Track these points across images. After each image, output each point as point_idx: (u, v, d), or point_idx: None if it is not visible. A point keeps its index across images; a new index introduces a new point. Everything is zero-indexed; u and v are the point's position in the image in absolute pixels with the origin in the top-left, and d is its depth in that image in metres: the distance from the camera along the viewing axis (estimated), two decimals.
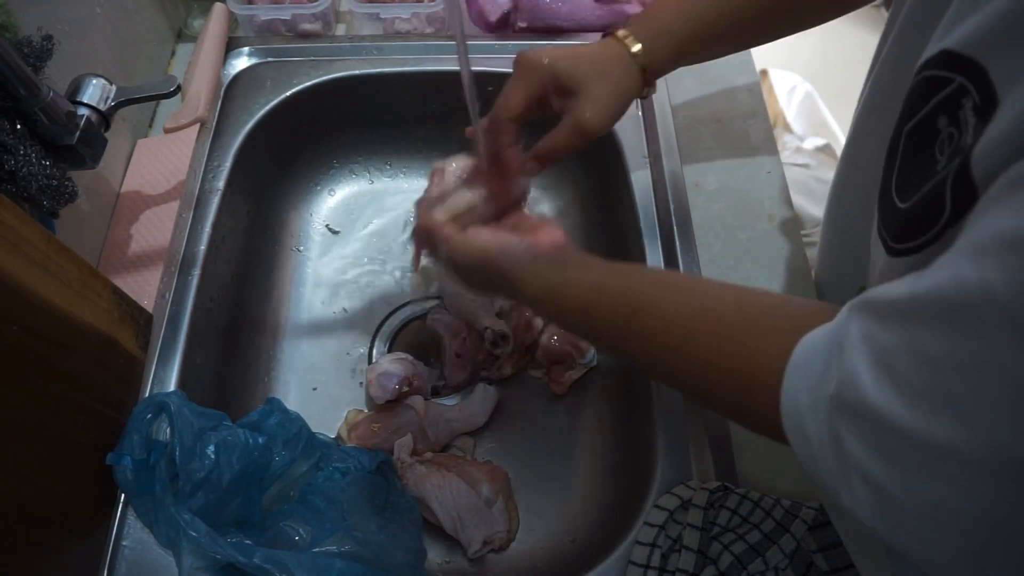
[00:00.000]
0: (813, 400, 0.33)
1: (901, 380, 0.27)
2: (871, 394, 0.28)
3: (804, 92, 1.44)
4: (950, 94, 0.31)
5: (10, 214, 0.45)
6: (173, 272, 0.66)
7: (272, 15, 0.81)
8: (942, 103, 0.32)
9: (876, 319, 0.30)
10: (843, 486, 0.31)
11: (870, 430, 0.29)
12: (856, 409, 0.29)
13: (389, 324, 0.79)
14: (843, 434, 0.30)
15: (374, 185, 0.90)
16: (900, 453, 0.28)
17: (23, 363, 0.44)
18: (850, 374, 0.29)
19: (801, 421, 0.33)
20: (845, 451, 0.30)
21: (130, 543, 0.54)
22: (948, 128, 0.31)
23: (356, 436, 0.67)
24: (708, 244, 0.69)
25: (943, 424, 0.26)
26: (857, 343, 0.30)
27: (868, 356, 0.29)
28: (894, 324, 0.28)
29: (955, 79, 0.31)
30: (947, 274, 0.26)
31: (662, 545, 0.52)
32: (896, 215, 0.34)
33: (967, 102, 0.30)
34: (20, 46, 0.51)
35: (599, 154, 0.79)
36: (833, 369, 0.31)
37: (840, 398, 0.30)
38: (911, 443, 0.27)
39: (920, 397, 0.27)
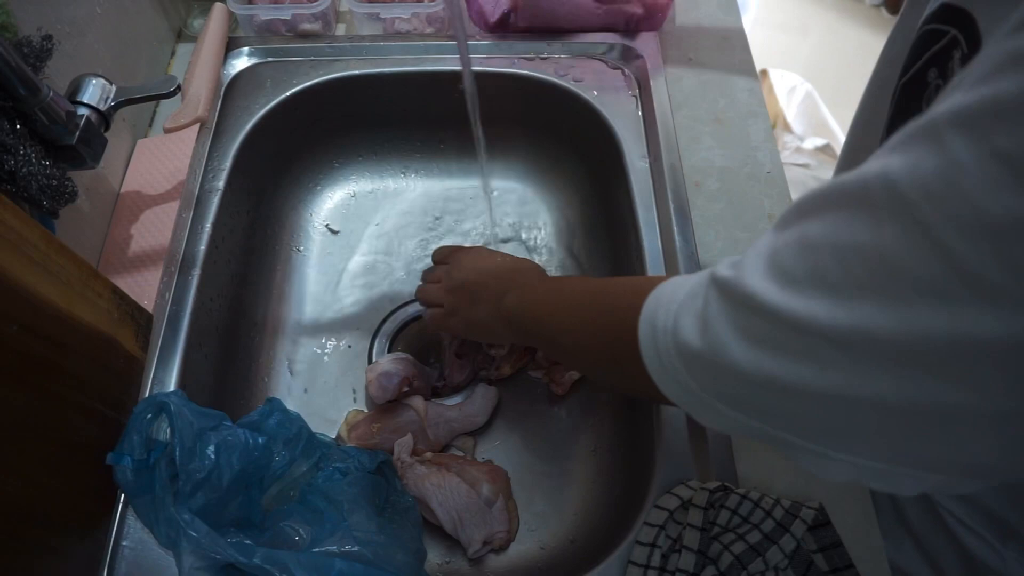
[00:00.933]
0: (668, 304, 0.35)
1: (783, 268, 0.28)
2: (752, 282, 0.29)
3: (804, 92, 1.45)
4: (943, 47, 0.32)
5: (10, 214, 0.45)
6: (173, 272, 0.66)
7: (272, 15, 0.81)
8: (934, 56, 0.33)
9: (777, 227, 0.31)
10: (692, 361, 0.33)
11: (740, 309, 0.30)
12: (732, 289, 0.31)
13: (389, 324, 0.79)
14: (711, 310, 0.32)
15: (374, 185, 0.90)
16: (764, 331, 0.29)
17: (23, 363, 0.45)
18: (742, 269, 0.31)
19: (654, 327, 0.35)
20: (708, 326, 0.31)
21: (130, 543, 0.54)
22: (936, 80, 0.32)
23: (356, 436, 0.67)
24: (708, 244, 0.69)
25: (812, 303, 0.27)
26: (758, 249, 0.31)
27: (762, 257, 0.30)
28: (792, 225, 0.29)
29: (949, 31, 0.31)
30: (854, 171, 0.27)
31: (662, 545, 0.52)
32: None
33: (956, 53, 0.30)
34: (20, 46, 0.51)
35: (599, 154, 0.79)
36: (700, 285, 0.33)
37: (721, 280, 0.31)
38: (777, 321, 0.28)
39: (794, 280, 0.28)
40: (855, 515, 0.55)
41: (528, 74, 0.80)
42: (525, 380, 0.75)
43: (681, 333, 0.33)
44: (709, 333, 0.31)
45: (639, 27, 0.83)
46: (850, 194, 0.26)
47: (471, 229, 0.87)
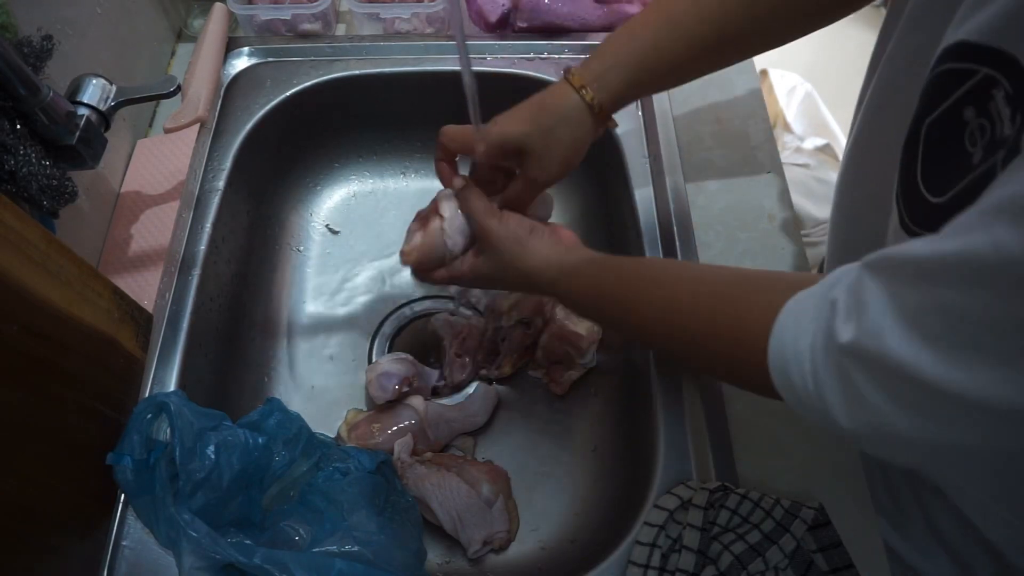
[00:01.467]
0: (796, 351, 0.35)
1: (931, 336, 0.28)
2: (895, 346, 0.29)
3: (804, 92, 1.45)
4: (976, 85, 0.31)
5: (10, 214, 0.45)
6: (173, 272, 0.66)
7: (272, 15, 0.81)
8: (967, 95, 0.32)
9: (900, 277, 0.30)
10: (844, 418, 0.33)
11: (889, 377, 0.30)
12: (875, 358, 0.30)
13: (389, 324, 0.79)
14: (858, 379, 0.32)
15: (374, 185, 0.90)
16: (920, 400, 0.29)
17: (23, 363, 0.44)
18: (875, 327, 0.30)
19: (786, 368, 0.36)
20: (857, 393, 0.32)
21: (130, 543, 0.54)
22: (978, 119, 0.31)
23: (356, 436, 0.67)
24: (708, 244, 0.69)
25: (976, 376, 0.27)
26: (878, 296, 0.31)
27: (894, 311, 0.30)
28: (920, 283, 0.29)
29: (979, 70, 0.31)
30: (965, 237, 0.27)
31: (662, 545, 0.52)
32: (929, 208, 0.35)
33: (998, 92, 0.30)
34: (20, 46, 0.51)
35: (599, 154, 0.79)
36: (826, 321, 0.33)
37: (860, 348, 0.31)
38: (934, 392, 0.28)
39: (952, 351, 0.27)
40: (855, 515, 0.55)
41: (528, 74, 0.80)
42: (525, 380, 0.75)
43: (829, 404, 0.34)
44: (864, 408, 0.32)
45: None
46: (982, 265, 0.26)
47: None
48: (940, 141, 0.35)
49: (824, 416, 0.34)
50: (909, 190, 0.37)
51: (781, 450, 0.58)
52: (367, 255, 0.84)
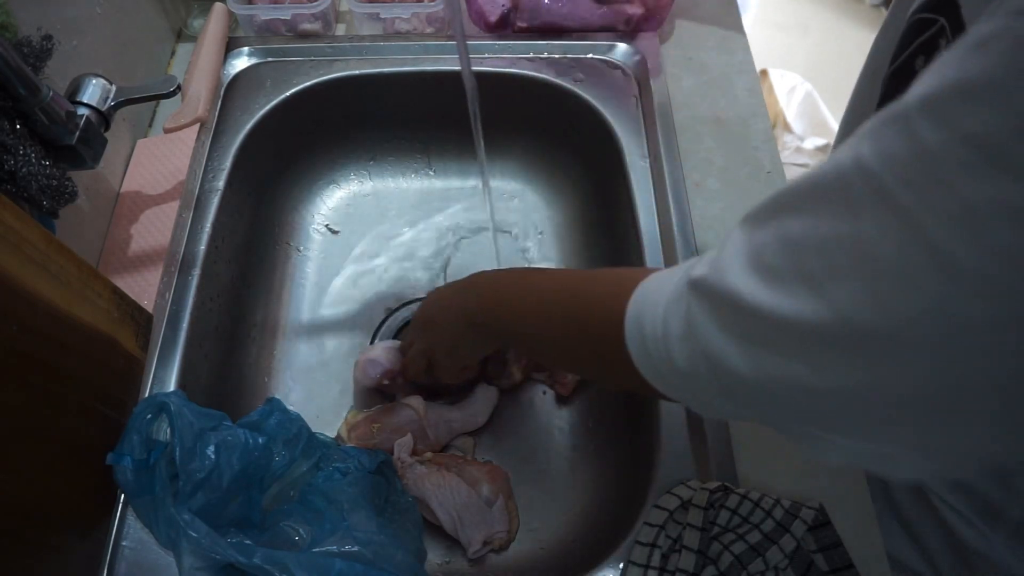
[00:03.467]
0: (653, 307, 0.35)
1: (765, 265, 0.28)
2: (734, 280, 0.29)
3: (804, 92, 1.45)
4: (932, 35, 0.32)
5: (10, 214, 0.45)
6: (173, 272, 0.66)
7: (272, 15, 0.81)
8: (923, 44, 0.33)
9: (753, 223, 0.31)
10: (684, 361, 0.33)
11: (727, 311, 0.30)
12: (715, 293, 0.31)
13: (389, 324, 0.79)
14: (695, 313, 0.32)
15: (374, 185, 0.90)
16: (755, 332, 0.29)
17: (23, 363, 0.44)
18: (721, 266, 0.31)
19: (641, 326, 0.35)
20: (694, 327, 0.32)
21: (130, 543, 0.54)
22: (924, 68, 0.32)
23: (356, 436, 0.67)
24: (708, 244, 0.69)
25: (797, 300, 0.26)
26: (735, 243, 0.31)
27: (741, 253, 0.30)
28: (770, 221, 0.29)
29: (938, 20, 0.31)
30: (827, 163, 0.27)
31: (662, 545, 0.52)
32: None
33: (943, 41, 0.30)
34: (20, 46, 0.51)
35: (599, 154, 0.79)
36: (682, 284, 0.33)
37: (701, 282, 0.32)
38: (767, 321, 0.28)
39: (780, 277, 0.27)
40: (855, 515, 0.55)
41: (528, 74, 0.80)
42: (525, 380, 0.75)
43: (672, 342, 0.33)
44: (698, 338, 0.32)
45: (639, 27, 0.83)
46: (827, 186, 0.26)
47: (471, 229, 0.87)
48: (893, 90, 0.35)
49: (668, 364, 0.34)
50: None
51: (781, 450, 0.58)
52: (367, 255, 0.84)
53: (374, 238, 0.86)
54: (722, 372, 0.31)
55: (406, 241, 0.85)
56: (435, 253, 0.85)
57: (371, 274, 0.83)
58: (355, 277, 0.83)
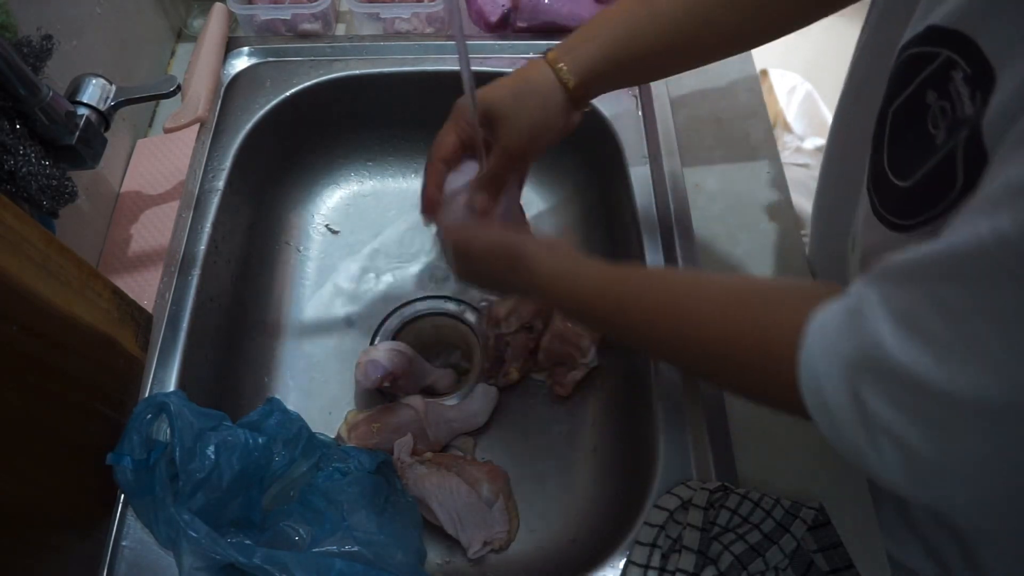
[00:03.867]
0: (830, 366, 0.32)
1: (926, 335, 0.27)
2: (895, 353, 0.28)
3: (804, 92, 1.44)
4: (937, 68, 0.31)
5: (10, 214, 0.45)
6: (173, 272, 0.66)
7: (272, 15, 0.81)
8: (929, 78, 0.32)
9: (893, 282, 0.30)
10: (870, 450, 0.31)
11: (896, 389, 0.29)
12: (879, 369, 0.29)
13: (389, 324, 0.79)
14: (866, 396, 0.30)
15: (374, 185, 0.90)
16: (929, 409, 0.28)
17: (23, 363, 0.44)
18: (872, 336, 0.29)
19: (820, 389, 0.33)
20: (869, 413, 0.30)
21: (130, 543, 0.54)
22: (939, 102, 0.31)
23: (356, 436, 0.67)
24: (708, 244, 0.69)
25: (971, 375, 0.26)
26: (876, 306, 0.30)
27: (889, 317, 0.29)
28: (914, 283, 0.28)
29: (941, 53, 0.31)
30: (963, 231, 0.26)
31: (662, 545, 0.52)
32: (897, 193, 0.35)
33: (956, 74, 0.30)
34: (20, 46, 0.51)
35: (599, 154, 0.79)
36: (851, 335, 0.31)
37: (862, 360, 0.30)
38: (940, 398, 0.27)
39: (947, 350, 0.26)
40: (855, 515, 0.55)
41: None
42: (525, 380, 0.75)
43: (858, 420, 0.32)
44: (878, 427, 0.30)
45: None
46: (974, 261, 0.26)
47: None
48: (905, 125, 0.35)
49: (859, 450, 0.32)
50: (878, 176, 0.37)
51: (781, 450, 0.58)
52: (367, 255, 0.84)
53: (374, 238, 0.86)
54: (908, 457, 0.30)
55: (406, 241, 0.85)
56: (435, 253, 0.85)
57: (371, 274, 0.83)
58: (355, 277, 0.83)
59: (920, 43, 0.34)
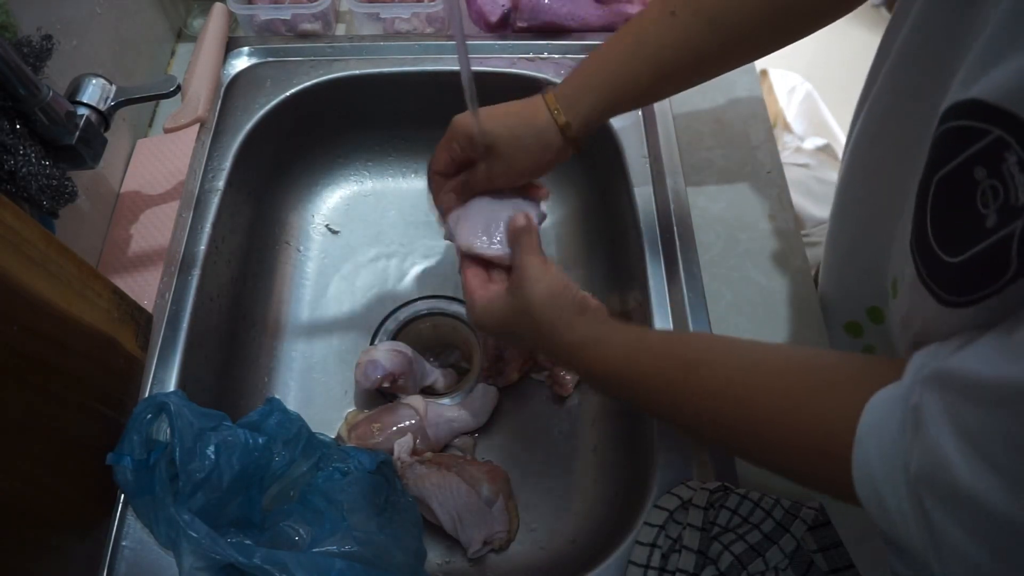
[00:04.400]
0: (889, 470, 0.32)
1: (999, 467, 0.26)
2: (965, 478, 0.27)
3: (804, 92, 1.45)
4: (987, 146, 0.30)
5: (10, 214, 0.45)
6: (173, 272, 0.66)
7: (272, 15, 0.81)
8: (978, 155, 0.31)
9: (959, 396, 0.29)
10: (932, 555, 0.30)
11: (966, 514, 0.28)
12: (948, 492, 0.29)
13: (389, 324, 0.79)
14: (933, 513, 0.30)
15: (374, 185, 0.90)
16: (1000, 537, 0.27)
17: (23, 363, 0.44)
18: (936, 454, 0.29)
19: (877, 490, 0.33)
20: (935, 528, 0.30)
21: (130, 543, 0.54)
22: (989, 180, 0.30)
23: (356, 436, 0.67)
24: (708, 244, 0.69)
25: None
26: (937, 418, 0.29)
27: (955, 436, 0.28)
28: (982, 406, 0.28)
29: (991, 131, 0.30)
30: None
31: (662, 545, 0.52)
32: (945, 269, 0.34)
33: (1010, 156, 0.29)
34: (20, 46, 0.51)
35: (599, 154, 0.79)
36: (909, 439, 0.31)
37: (928, 478, 0.30)
38: (1013, 530, 0.26)
39: (1019, 486, 0.26)
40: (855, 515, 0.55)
41: (528, 74, 0.80)
42: (525, 380, 0.75)
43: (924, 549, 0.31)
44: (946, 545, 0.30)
45: None
46: None
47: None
48: (950, 199, 0.34)
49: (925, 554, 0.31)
50: (922, 244, 0.36)
51: None
52: (367, 255, 0.84)
53: (374, 238, 0.86)
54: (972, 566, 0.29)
55: (406, 241, 0.85)
56: (435, 253, 0.85)
57: (371, 274, 0.83)
58: (355, 277, 0.83)
59: (965, 116, 0.32)
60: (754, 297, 0.66)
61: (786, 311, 0.65)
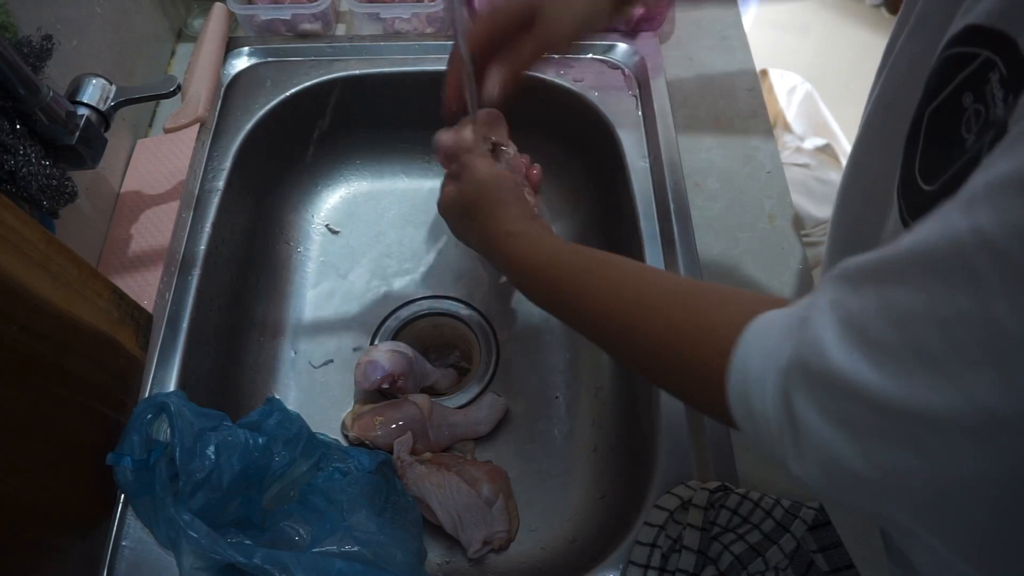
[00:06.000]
0: (764, 371, 0.31)
1: (871, 341, 0.26)
2: (836, 359, 0.27)
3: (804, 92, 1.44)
4: (975, 69, 0.30)
5: (10, 214, 0.45)
6: (173, 272, 0.66)
7: (272, 15, 0.81)
8: (967, 80, 0.31)
9: (846, 285, 0.28)
10: (791, 451, 0.30)
11: (832, 398, 0.27)
12: (817, 376, 0.28)
13: (389, 324, 0.79)
14: (797, 404, 0.29)
15: (374, 185, 0.90)
16: (866, 422, 0.27)
17: (23, 363, 0.45)
18: (814, 340, 0.28)
19: (746, 391, 0.32)
20: (797, 418, 0.29)
21: (130, 543, 0.54)
22: (974, 105, 0.30)
23: (359, 426, 0.67)
24: (708, 244, 0.69)
25: (918, 385, 0.24)
26: (823, 310, 0.28)
27: (835, 322, 0.27)
28: (867, 287, 0.27)
29: (980, 54, 0.30)
30: (932, 228, 0.24)
31: (662, 545, 0.52)
32: (922, 198, 0.33)
33: (993, 75, 0.28)
34: (20, 46, 0.51)
35: (599, 154, 0.79)
36: (793, 340, 0.30)
37: (799, 368, 0.29)
38: (880, 409, 0.25)
39: (892, 357, 0.25)
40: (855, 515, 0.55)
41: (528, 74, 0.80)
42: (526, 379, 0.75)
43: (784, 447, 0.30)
44: (807, 437, 0.29)
45: (639, 27, 0.83)
46: (940, 257, 0.24)
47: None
48: (940, 129, 0.33)
49: (782, 452, 0.31)
50: (908, 181, 0.35)
51: None
52: (367, 255, 0.84)
53: (374, 238, 0.86)
54: (832, 467, 0.28)
55: (406, 241, 0.85)
56: (435, 253, 0.85)
57: (371, 274, 0.83)
58: (355, 277, 0.83)
59: (959, 43, 0.32)
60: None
61: None
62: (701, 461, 0.57)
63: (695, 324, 0.38)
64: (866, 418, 0.26)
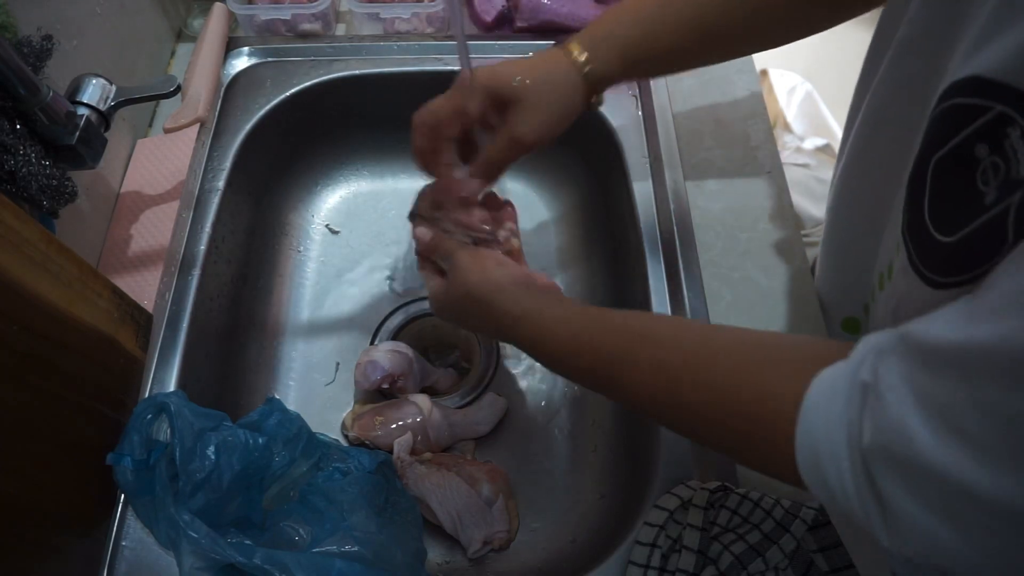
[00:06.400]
0: (832, 445, 0.31)
1: (969, 437, 0.25)
2: (929, 450, 0.26)
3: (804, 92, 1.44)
4: (989, 122, 0.30)
5: (10, 214, 0.45)
6: (173, 272, 0.66)
7: (272, 15, 0.81)
8: (980, 132, 0.30)
9: (921, 366, 0.28)
10: (881, 529, 0.30)
11: (926, 486, 0.27)
12: (906, 464, 0.28)
13: (389, 324, 0.79)
14: (886, 487, 0.29)
15: (374, 185, 0.90)
16: (965, 509, 0.26)
17: (23, 363, 0.44)
18: (898, 426, 0.28)
19: (818, 465, 0.32)
20: (887, 501, 0.29)
21: (130, 543, 0.54)
22: (991, 157, 0.30)
23: (359, 426, 0.67)
24: (708, 244, 0.69)
25: (1016, 482, 0.24)
26: (897, 389, 0.28)
27: (917, 407, 0.27)
28: (949, 375, 0.26)
29: (993, 107, 0.29)
30: (1010, 325, 0.24)
31: (662, 545, 0.52)
32: (938, 249, 0.33)
33: (1013, 131, 0.28)
34: (20, 46, 0.51)
35: (599, 154, 0.79)
36: (857, 413, 0.30)
37: (883, 451, 0.29)
38: (977, 502, 0.25)
39: (999, 457, 0.25)
40: None
41: None
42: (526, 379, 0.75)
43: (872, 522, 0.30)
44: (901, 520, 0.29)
45: None
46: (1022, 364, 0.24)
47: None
48: (949, 178, 0.33)
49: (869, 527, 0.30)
50: (916, 228, 0.35)
51: None
52: (367, 255, 0.84)
53: (374, 238, 0.86)
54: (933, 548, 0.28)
55: (406, 241, 0.85)
56: None
57: (371, 274, 0.83)
58: (355, 277, 0.83)
59: (964, 94, 0.32)
60: (754, 297, 0.66)
61: (786, 311, 0.65)
62: (701, 461, 0.57)
63: (750, 397, 0.36)
64: (967, 508, 0.26)
